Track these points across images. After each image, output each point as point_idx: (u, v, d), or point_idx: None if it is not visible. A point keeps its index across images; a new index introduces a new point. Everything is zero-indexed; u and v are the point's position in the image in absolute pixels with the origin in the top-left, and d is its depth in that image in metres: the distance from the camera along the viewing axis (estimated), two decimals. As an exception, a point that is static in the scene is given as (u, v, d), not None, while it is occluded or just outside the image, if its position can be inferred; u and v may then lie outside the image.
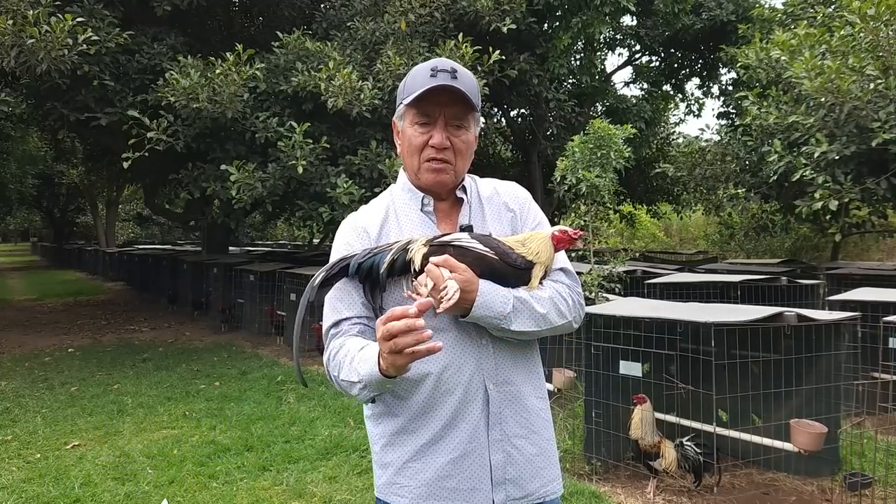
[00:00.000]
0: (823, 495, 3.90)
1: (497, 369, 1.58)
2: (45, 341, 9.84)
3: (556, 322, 1.59)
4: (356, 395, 1.48)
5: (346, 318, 1.57)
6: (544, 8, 10.09)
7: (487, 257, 1.50)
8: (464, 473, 1.54)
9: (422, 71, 1.59)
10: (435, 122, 1.59)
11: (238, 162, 7.58)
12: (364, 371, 1.42)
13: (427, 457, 1.55)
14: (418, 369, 1.51)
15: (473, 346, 1.56)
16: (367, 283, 1.55)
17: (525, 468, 1.59)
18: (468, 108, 1.60)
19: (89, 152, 15.70)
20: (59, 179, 28.17)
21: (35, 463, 4.67)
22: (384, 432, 1.61)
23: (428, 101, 1.56)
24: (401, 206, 1.68)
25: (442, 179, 1.63)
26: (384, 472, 1.61)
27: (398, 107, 1.66)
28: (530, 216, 1.74)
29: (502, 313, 1.50)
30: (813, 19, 8.51)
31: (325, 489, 4.12)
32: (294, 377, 7.01)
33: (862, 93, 6.43)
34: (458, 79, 1.56)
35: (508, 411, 1.58)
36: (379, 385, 1.42)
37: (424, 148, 1.60)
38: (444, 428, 1.54)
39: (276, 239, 35.78)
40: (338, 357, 1.51)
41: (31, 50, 6.60)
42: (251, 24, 11.70)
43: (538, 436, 1.63)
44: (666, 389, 4.13)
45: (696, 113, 17.25)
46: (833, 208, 6.60)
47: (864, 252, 18.41)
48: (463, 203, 1.69)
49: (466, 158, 1.65)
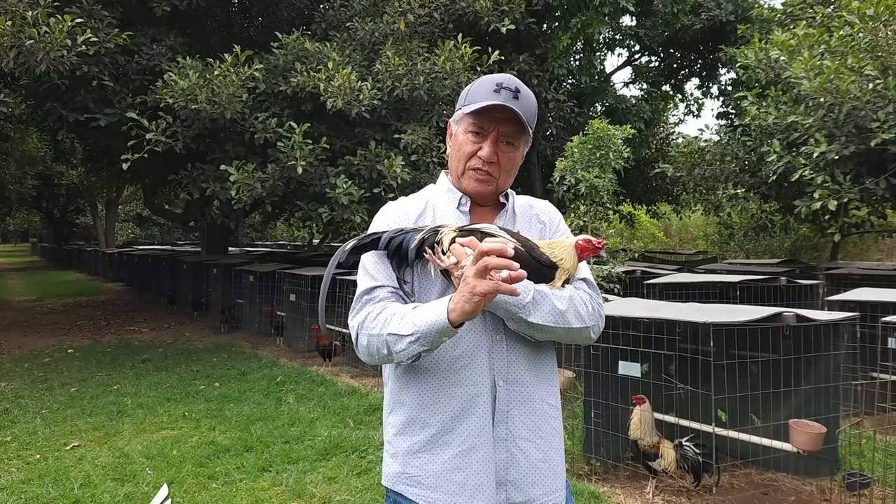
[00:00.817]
0: (822, 495, 3.90)
1: (509, 366, 1.59)
2: (45, 342, 9.84)
3: (574, 324, 1.58)
4: (401, 349, 1.46)
5: (382, 285, 1.59)
6: (543, 8, 10.09)
7: (517, 249, 1.50)
8: (471, 468, 1.54)
9: (487, 83, 1.64)
10: (488, 135, 1.63)
11: (237, 162, 7.58)
12: (422, 322, 1.43)
13: (436, 448, 1.56)
14: (431, 357, 1.54)
15: (487, 340, 1.58)
16: (395, 258, 1.59)
17: (527, 472, 1.59)
18: (522, 129, 1.64)
19: (89, 153, 15.69)
20: (59, 180, 28.18)
21: (34, 464, 4.67)
22: (396, 420, 1.63)
23: (485, 115, 1.61)
24: (439, 202, 1.72)
25: (482, 190, 1.68)
26: (394, 462, 1.63)
27: (457, 111, 1.71)
28: (560, 229, 1.79)
29: (521, 301, 1.51)
30: (812, 19, 8.51)
31: (325, 490, 4.12)
32: (294, 377, 7.02)
33: (861, 93, 6.43)
34: (520, 100, 1.61)
35: (516, 411, 1.59)
36: (437, 335, 1.42)
37: (472, 157, 1.65)
38: (453, 419, 1.55)
39: (276, 239, 35.78)
40: (381, 316, 1.51)
41: (30, 51, 6.60)
42: (250, 24, 11.70)
43: (545, 441, 1.63)
44: (665, 390, 4.14)
45: (696, 113, 17.26)
46: (832, 208, 6.61)
47: (863, 252, 18.41)
48: (503, 209, 1.74)
49: (510, 175, 1.70)
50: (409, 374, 1.60)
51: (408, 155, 7.96)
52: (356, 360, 7.51)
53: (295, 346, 8.62)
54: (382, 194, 7.69)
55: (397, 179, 7.49)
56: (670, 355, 4.07)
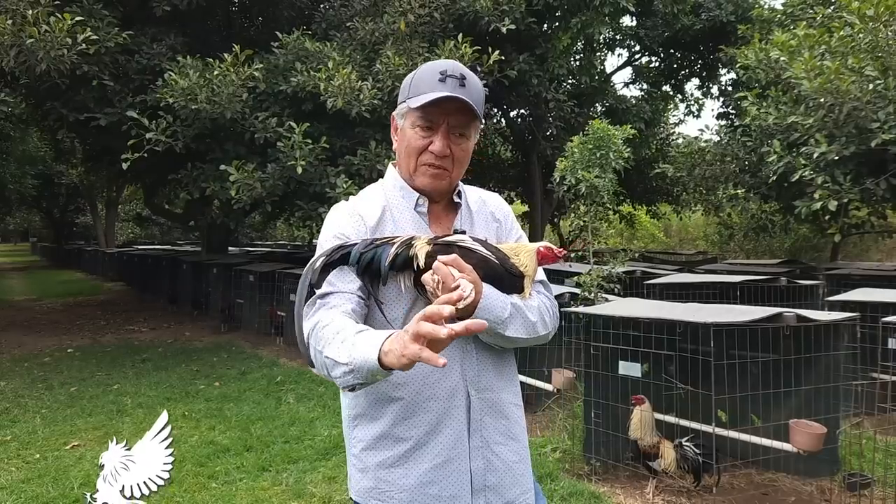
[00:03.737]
0: (823, 496, 3.90)
1: (479, 376, 1.58)
2: (45, 341, 9.84)
3: (541, 332, 1.61)
4: (336, 376, 1.34)
5: (338, 291, 1.49)
6: (544, 8, 10.09)
7: (490, 260, 1.50)
8: (446, 480, 1.53)
9: (429, 73, 1.56)
10: (437, 128, 1.57)
11: (237, 162, 7.58)
12: (358, 355, 1.29)
13: (410, 462, 1.53)
14: (403, 372, 1.43)
15: (458, 352, 1.55)
16: (367, 274, 1.51)
17: (505, 475, 1.60)
18: (472, 118, 1.59)
19: (89, 152, 15.65)
20: (59, 179, 28.13)
21: (34, 463, 4.67)
22: (364, 436, 1.58)
23: (433, 108, 1.54)
24: (395, 203, 1.65)
25: (437, 185, 1.62)
26: (363, 477, 1.58)
27: (400, 104, 1.63)
28: (514, 229, 1.77)
29: (501, 317, 1.50)
30: (812, 20, 8.51)
31: (325, 489, 4.12)
32: (293, 377, 7.02)
33: (861, 93, 6.43)
34: (467, 87, 1.54)
35: (489, 418, 1.58)
36: (369, 374, 1.29)
37: (423, 152, 1.59)
38: (428, 434, 1.53)
39: (276, 239, 35.79)
40: (325, 331, 1.39)
41: (30, 50, 6.60)
42: (250, 24, 11.69)
43: (517, 443, 1.64)
44: (665, 390, 4.13)
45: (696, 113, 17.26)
46: (832, 209, 6.61)
47: (863, 252, 18.42)
48: (459, 208, 1.69)
49: (464, 167, 1.65)
50: (379, 387, 1.52)
51: (408, 155, 7.95)
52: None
53: (295, 346, 8.59)
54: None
55: (397, 179, 7.48)
56: (670, 355, 4.06)
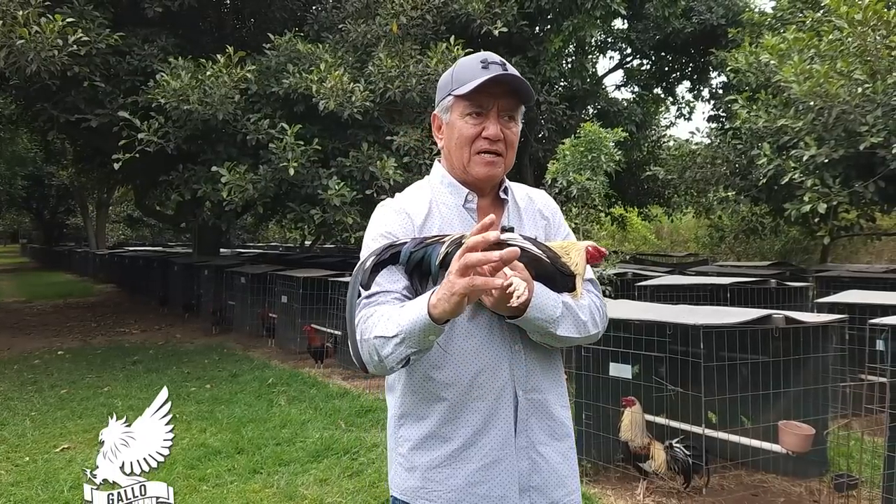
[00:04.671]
0: (811, 496, 3.93)
1: (528, 376, 1.57)
2: (35, 343, 9.78)
3: (591, 331, 1.60)
4: (388, 353, 1.37)
5: (384, 290, 1.50)
6: (535, 11, 10.12)
7: (542, 259, 1.49)
8: (494, 480, 1.53)
9: (470, 63, 1.58)
10: (488, 113, 1.57)
11: (229, 164, 7.57)
12: (406, 320, 1.34)
13: (458, 462, 1.53)
14: (453, 371, 1.51)
15: (507, 351, 1.55)
16: (416, 273, 1.51)
17: (550, 476, 1.59)
18: (520, 100, 1.60)
19: (79, 154, 15.60)
20: (49, 181, 28.01)
21: (24, 466, 4.64)
22: (411, 435, 1.58)
23: (481, 93, 1.54)
24: (441, 200, 1.65)
25: (494, 173, 1.61)
26: (410, 476, 1.58)
27: (443, 99, 1.63)
28: (562, 226, 1.75)
29: (552, 317, 1.49)
30: (802, 23, 8.57)
31: (316, 491, 4.11)
32: (285, 379, 7.00)
33: (850, 97, 6.49)
34: (510, 71, 1.56)
35: (534, 419, 1.58)
36: (421, 335, 1.33)
37: (476, 139, 1.58)
38: (475, 434, 1.53)
39: (268, 241, 35.70)
40: (371, 319, 1.43)
41: (20, 51, 6.57)
42: (242, 25, 11.68)
43: (562, 443, 1.63)
44: (656, 391, 4.15)
45: (687, 116, 17.29)
46: (822, 211, 6.66)
47: (853, 254, 18.53)
48: (505, 204, 1.68)
49: (514, 151, 1.65)
50: (427, 386, 1.54)
51: (400, 157, 7.96)
52: (348, 361, 7.49)
53: (286, 348, 8.60)
54: (375, 196, 7.69)
55: (390, 181, 7.49)
56: (661, 357, 4.09)
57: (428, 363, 1.52)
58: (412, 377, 1.56)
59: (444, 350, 1.52)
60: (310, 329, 7.65)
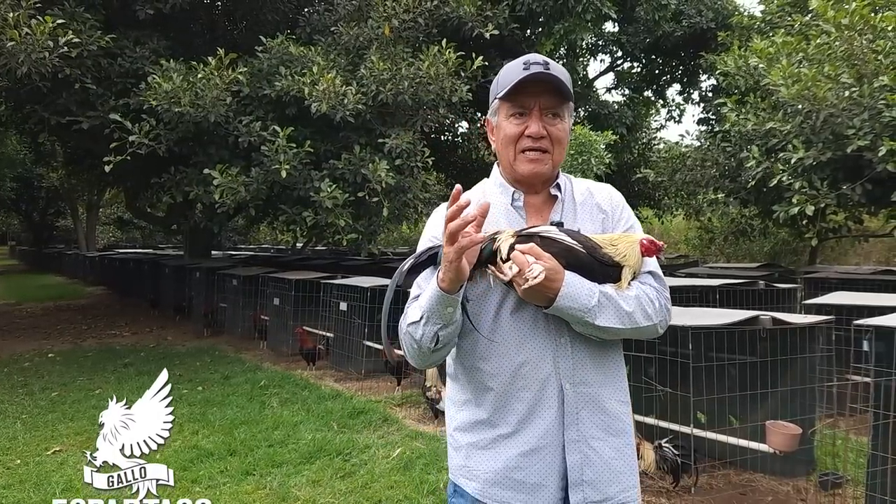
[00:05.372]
0: (799, 495, 3.98)
1: (574, 369, 1.58)
2: (25, 346, 9.73)
3: (642, 323, 1.57)
4: (421, 335, 1.52)
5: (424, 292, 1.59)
6: (527, 14, 10.17)
7: (575, 249, 1.51)
8: (532, 468, 1.56)
9: (514, 66, 1.62)
10: (530, 112, 1.61)
11: (221, 166, 7.56)
12: (425, 301, 1.49)
13: (500, 447, 1.59)
14: (497, 363, 1.58)
15: (551, 344, 1.57)
16: None
17: (603, 471, 1.60)
18: (562, 97, 1.63)
19: (70, 156, 15.52)
20: (39, 183, 27.81)
21: (15, 469, 4.64)
22: (464, 419, 1.66)
23: (522, 93, 1.59)
24: (492, 200, 1.67)
25: (539, 170, 1.64)
26: (456, 454, 1.67)
27: (491, 103, 1.69)
28: (622, 219, 1.73)
29: (586, 306, 1.50)
30: (790, 27, 8.66)
31: (309, 493, 4.13)
32: (277, 381, 7.01)
33: (837, 100, 6.57)
34: (551, 70, 1.59)
35: (585, 412, 1.59)
36: (439, 309, 1.47)
37: (520, 138, 1.63)
38: (520, 422, 1.58)
39: (260, 243, 35.61)
40: (406, 315, 1.58)
41: (11, 52, 6.54)
42: (234, 28, 11.66)
43: (617, 439, 1.63)
44: (645, 392, 4.19)
45: (677, 119, 17.42)
46: (810, 213, 6.74)
47: (841, 256, 18.66)
48: (556, 200, 1.70)
49: (563, 148, 1.67)
50: (476, 376, 1.62)
51: (392, 159, 7.98)
52: (340, 363, 7.51)
53: (278, 350, 8.60)
54: (367, 198, 7.71)
55: (382, 183, 7.51)
56: (650, 358, 4.13)
57: (476, 354, 1.61)
58: (464, 367, 1.65)
59: (490, 341, 1.58)
60: (302, 331, 7.66)
